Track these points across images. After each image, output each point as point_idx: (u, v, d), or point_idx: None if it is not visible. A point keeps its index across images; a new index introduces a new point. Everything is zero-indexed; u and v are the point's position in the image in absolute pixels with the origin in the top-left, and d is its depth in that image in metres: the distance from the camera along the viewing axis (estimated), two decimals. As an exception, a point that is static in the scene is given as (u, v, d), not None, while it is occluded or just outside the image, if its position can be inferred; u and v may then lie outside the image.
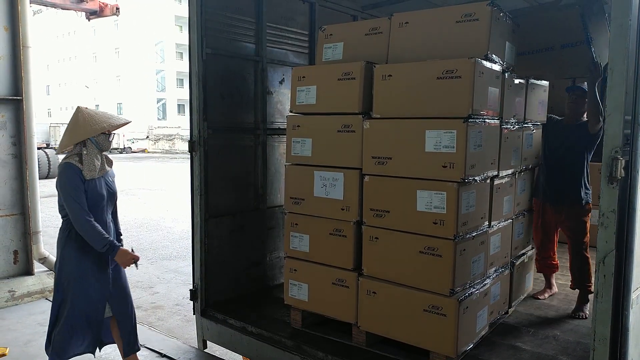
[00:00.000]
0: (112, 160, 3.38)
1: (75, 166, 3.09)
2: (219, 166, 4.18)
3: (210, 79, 4.06)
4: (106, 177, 3.28)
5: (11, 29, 5.42)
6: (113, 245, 3.15)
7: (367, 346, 3.30)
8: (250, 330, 3.73)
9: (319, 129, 3.44)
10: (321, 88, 3.42)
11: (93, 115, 3.19)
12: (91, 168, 3.12)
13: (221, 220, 4.23)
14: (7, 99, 5.38)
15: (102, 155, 3.24)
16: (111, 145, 3.30)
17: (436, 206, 2.91)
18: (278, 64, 4.73)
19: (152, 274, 7.17)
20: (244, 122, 4.49)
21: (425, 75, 2.98)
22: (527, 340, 3.46)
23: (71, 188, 3.06)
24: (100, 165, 3.19)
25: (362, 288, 3.26)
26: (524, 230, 4.05)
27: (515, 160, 3.67)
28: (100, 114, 3.22)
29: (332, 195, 3.36)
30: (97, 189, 3.16)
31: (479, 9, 3.02)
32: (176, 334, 4.93)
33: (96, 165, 3.15)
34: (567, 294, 4.38)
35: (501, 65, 3.23)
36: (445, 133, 2.87)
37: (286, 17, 4.79)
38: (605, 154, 2.22)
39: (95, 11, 15.89)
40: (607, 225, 2.25)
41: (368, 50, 3.43)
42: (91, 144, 3.16)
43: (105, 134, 3.20)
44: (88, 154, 3.13)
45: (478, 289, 3.18)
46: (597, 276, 2.29)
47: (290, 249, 3.62)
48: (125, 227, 10.43)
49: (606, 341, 2.29)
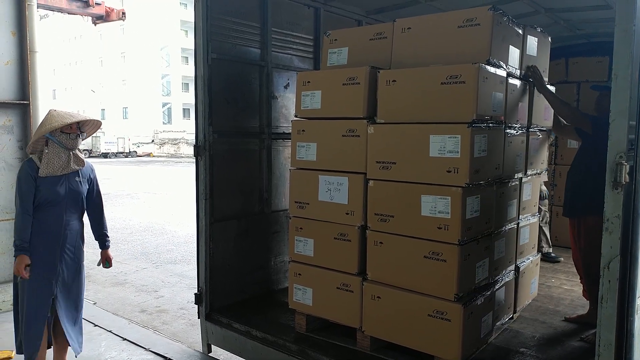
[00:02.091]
0: (83, 160, 3.41)
1: (33, 163, 3.24)
2: (224, 170, 4.20)
3: (215, 83, 4.08)
4: (73, 176, 3.34)
5: (19, 34, 5.46)
6: (20, 248, 3.19)
7: (371, 351, 3.30)
8: (254, 335, 3.74)
9: (323, 134, 3.45)
10: (326, 93, 3.43)
11: (54, 115, 3.27)
12: (50, 166, 3.22)
13: (226, 224, 4.24)
14: (15, 103, 5.41)
15: (71, 153, 3.30)
16: (77, 144, 3.33)
17: (440, 211, 2.92)
18: (283, 69, 4.75)
19: (157, 278, 7.19)
20: (249, 126, 4.51)
21: (430, 81, 2.99)
22: (532, 345, 3.45)
23: (21, 183, 3.22)
24: (64, 164, 3.26)
25: (367, 293, 3.26)
26: (529, 235, 4.04)
27: (519, 165, 3.66)
28: (61, 115, 3.29)
29: (336, 200, 3.37)
30: (54, 187, 3.24)
31: (481, 14, 3.03)
32: (181, 338, 4.94)
33: (56, 164, 3.23)
34: (573, 299, 4.37)
35: (505, 70, 3.24)
36: (450, 138, 2.87)
37: (291, 22, 4.82)
38: (610, 159, 2.22)
39: (102, 16, 16.03)
40: (612, 230, 2.25)
41: (373, 55, 3.44)
42: (53, 142, 3.24)
43: (65, 132, 3.25)
44: (49, 152, 3.24)
45: (483, 294, 3.17)
46: (602, 281, 2.29)
47: (295, 253, 3.63)
48: (130, 231, 10.52)
49: (611, 347, 2.29)
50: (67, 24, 50.96)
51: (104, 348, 4.40)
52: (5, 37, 5.37)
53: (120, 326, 4.95)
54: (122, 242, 9.55)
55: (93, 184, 3.52)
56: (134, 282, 7.00)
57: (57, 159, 3.25)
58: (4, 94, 5.37)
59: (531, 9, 4.99)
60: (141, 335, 4.74)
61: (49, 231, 3.28)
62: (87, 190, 3.47)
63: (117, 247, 9.19)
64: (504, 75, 3.20)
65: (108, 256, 3.64)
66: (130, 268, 7.72)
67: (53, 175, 3.24)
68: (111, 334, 4.71)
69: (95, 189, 3.54)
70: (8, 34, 5.40)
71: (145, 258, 8.38)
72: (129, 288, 6.71)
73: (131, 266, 7.83)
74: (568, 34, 5.93)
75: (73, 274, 3.43)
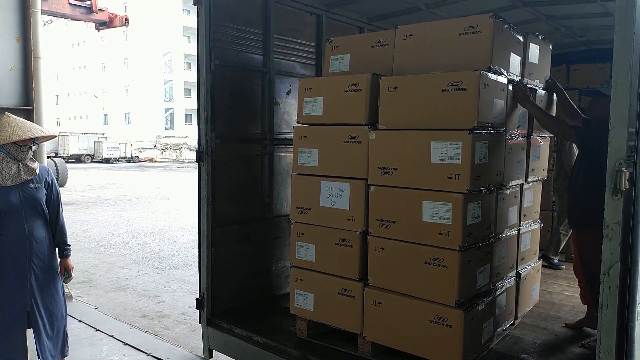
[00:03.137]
0: (35, 169, 3.25)
1: None
2: (226, 176, 4.22)
3: (218, 89, 4.10)
4: (26, 183, 3.20)
5: (22, 40, 5.50)
6: None
7: (372, 356, 3.30)
8: (256, 340, 3.74)
9: (325, 140, 3.47)
10: (328, 99, 3.46)
11: (6, 125, 3.16)
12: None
13: (228, 229, 4.26)
14: (19, 108, 5.44)
15: (20, 164, 3.18)
16: (27, 155, 3.21)
17: (442, 217, 2.93)
18: (285, 75, 4.78)
19: (159, 283, 7.19)
20: (251, 132, 4.53)
21: (431, 88, 3.01)
22: (533, 352, 3.45)
23: None
24: (14, 175, 3.15)
25: (368, 298, 3.26)
26: (530, 241, 4.05)
27: (520, 171, 3.67)
28: (15, 125, 3.17)
29: (338, 205, 3.38)
30: (7, 197, 3.11)
31: (482, 21, 3.05)
32: (182, 344, 4.94)
33: (5, 175, 3.12)
34: (574, 305, 4.37)
35: (506, 77, 3.26)
36: (451, 144, 2.89)
37: (293, 29, 4.85)
38: (610, 165, 2.23)
39: (105, 22, 16.09)
40: (612, 237, 2.25)
41: (374, 62, 3.46)
42: (2, 153, 3.14)
43: (17, 144, 3.15)
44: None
45: (484, 300, 3.18)
46: (602, 288, 2.29)
47: (296, 258, 3.64)
48: (132, 236, 10.54)
49: (612, 352, 2.29)
50: (71, 29, 51.18)
51: (105, 353, 4.41)
52: (10, 44, 5.41)
53: (122, 331, 4.96)
54: (123, 247, 9.57)
55: (51, 187, 3.36)
56: (136, 287, 7.00)
57: (7, 169, 3.13)
58: (8, 100, 5.40)
59: (532, 16, 5.02)
60: (143, 340, 4.75)
61: (12, 242, 3.15)
62: (46, 194, 3.32)
63: (119, 252, 9.20)
64: (505, 82, 3.22)
65: (67, 265, 3.45)
66: (131, 273, 7.73)
67: (3, 186, 3.11)
68: (113, 339, 4.72)
69: (52, 192, 3.36)
70: (12, 40, 5.44)
71: (146, 263, 8.38)
72: (131, 293, 6.71)
73: (133, 271, 7.84)
74: (569, 40, 5.96)
75: (47, 282, 3.29)
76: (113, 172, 31.78)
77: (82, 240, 10.18)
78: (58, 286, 3.40)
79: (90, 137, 45.78)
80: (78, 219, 12.95)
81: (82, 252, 9.08)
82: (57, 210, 3.40)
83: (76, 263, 8.28)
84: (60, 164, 21.02)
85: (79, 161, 42.97)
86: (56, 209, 3.39)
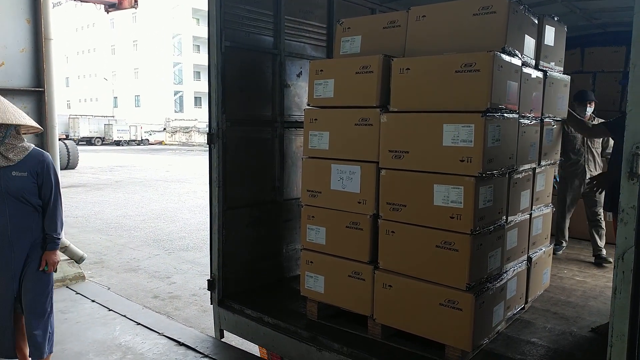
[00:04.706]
0: (13, 158, 3.09)
1: None
2: (236, 158, 4.22)
3: (229, 71, 4.08)
4: (8, 170, 3.08)
5: (33, 21, 5.50)
6: None
7: (382, 339, 3.32)
8: (266, 321, 3.77)
9: (336, 123, 3.45)
10: (339, 81, 3.43)
11: None
12: None
13: (238, 211, 4.27)
14: (30, 90, 5.47)
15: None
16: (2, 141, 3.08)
17: (453, 200, 2.91)
18: (296, 57, 4.75)
19: (170, 265, 7.27)
20: (261, 114, 4.51)
21: (444, 69, 2.97)
22: (544, 336, 3.45)
23: None
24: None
25: (378, 281, 3.27)
26: (542, 225, 4.03)
27: (533, 155, 3.64)
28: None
29: (348, 189, 3.38)
30: None
31: (496, 2, 2.99)
32: (192, 324, 5.00)
33: None
34: (585, 290, 4.35)
35: (520, 59, 3.21)
36: (463, 127, 2.86)
37: (304, 11, 4.80)
38: (626, 149, 2.19)
39: (114, 4, 16.00)
40: (627, 221, 2.23)
41: (386, 44, 3.42)
42: None
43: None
44: None
45: (495, 283, 3.17)
46: (616, 272, 2.27)
47: (307, 241, 3.65)
48: (143, 218, 10.63)
49: (624, 337, 2.28)
50: (80, 12, 51.17)
51: (118, 332, 4.48)
52: (20, 25, 5.42)
53: (134, 311, 5.03)
54: (134, 229, 9.66)
55: (43, 177, 3.18)
56: (147, 268, 7.08)
57: None
58: (20, 81, 5.43)
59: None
60: (154, 320, 4.81)
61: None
62: (36, 184, 3.16)
63: (130, 233, 9.29)
64: (519, 64, 3.17)
65: (49, 258, 3.23)
66: (143, 255, 7.81)
67: None
68: (125, 319, 4.79)
69: (43, 183, 3.18)
70: (23, 22, 5.44)
71: (157, 245, 8.47)
72: (142, 274, 6.80)
73: (144, 253, 7.93)
74: (584, 23, 5.84)
75: (35, 271, 3.20)
76: (123, 155, 31.96)
77: (93, 222, 10.29)
78: (44, 280, 3.27)
79: (101, 120, 46.01)
80: (89, 200, 13.07)
81: (93, 234, 9.19)
82: (48, 201, 3.21)
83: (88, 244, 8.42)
84: (71, 146, 21.24)
85: (89, 144, 43.28)
86: (47, 200, 3.21)
